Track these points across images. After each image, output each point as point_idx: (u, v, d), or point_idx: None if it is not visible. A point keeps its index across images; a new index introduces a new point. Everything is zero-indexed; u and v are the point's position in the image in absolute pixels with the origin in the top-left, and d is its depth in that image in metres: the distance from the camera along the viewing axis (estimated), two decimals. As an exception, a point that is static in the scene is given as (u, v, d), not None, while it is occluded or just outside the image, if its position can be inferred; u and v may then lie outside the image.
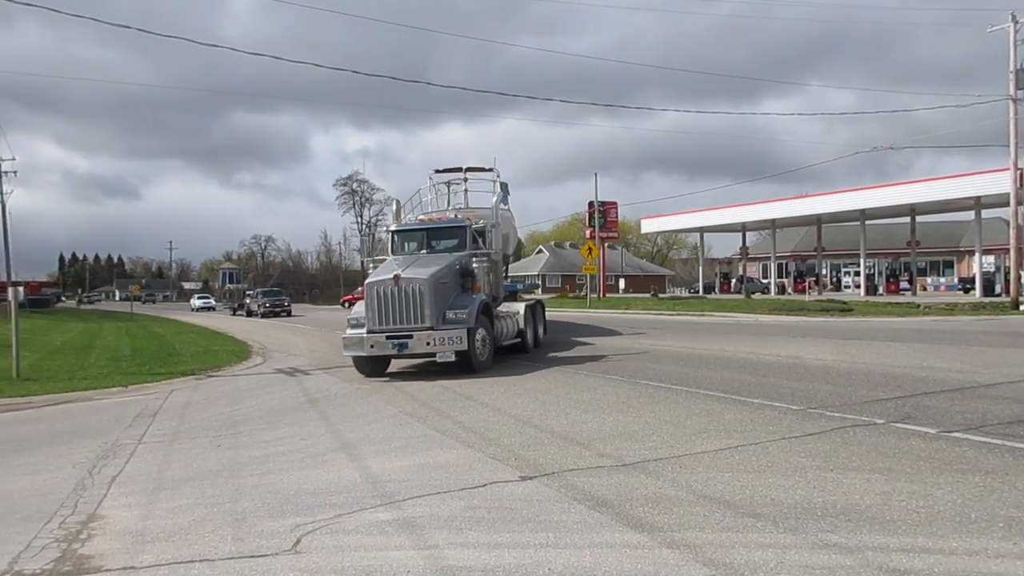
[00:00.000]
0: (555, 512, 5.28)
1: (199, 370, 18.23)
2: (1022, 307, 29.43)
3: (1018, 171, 30.81)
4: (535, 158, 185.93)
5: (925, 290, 53.05)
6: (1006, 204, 33.03)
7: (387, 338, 13.35)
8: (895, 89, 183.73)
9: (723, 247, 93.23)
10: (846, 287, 56.96)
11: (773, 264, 55.57)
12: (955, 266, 60.42)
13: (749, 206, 50.74)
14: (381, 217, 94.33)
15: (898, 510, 4.90)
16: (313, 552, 4.80)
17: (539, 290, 75.04)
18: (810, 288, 48.62)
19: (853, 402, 8.98)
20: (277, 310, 50.11)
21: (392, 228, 16.78)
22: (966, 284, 48.71)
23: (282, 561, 4.67)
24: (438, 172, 19.73)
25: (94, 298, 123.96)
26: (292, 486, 6.63)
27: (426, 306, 13.34)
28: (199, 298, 79.05)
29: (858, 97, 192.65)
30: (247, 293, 62.58)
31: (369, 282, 13.88)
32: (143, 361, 20.43)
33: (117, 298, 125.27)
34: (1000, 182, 33.45)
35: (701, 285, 62.00)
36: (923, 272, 57.00)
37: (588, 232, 55.16)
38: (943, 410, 8.24)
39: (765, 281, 60.82)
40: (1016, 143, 30.57)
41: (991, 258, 45.77)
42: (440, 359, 13.44)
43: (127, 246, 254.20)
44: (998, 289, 40.00)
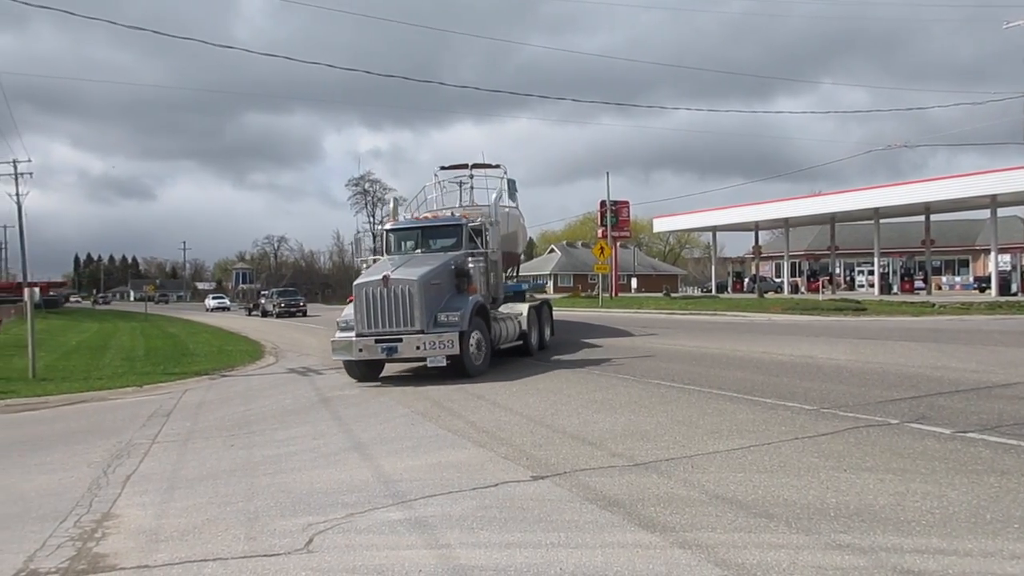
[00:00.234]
0: (567, 512, 5.28)
1: (212, 370, 18.33)
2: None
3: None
4: (547, 157, 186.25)
5: (940, 289, 52.67)
6: (1022, 202, 32.79)
7: (376, 342, 12.92)
8: (909, 87, 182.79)
9: (736, 246, 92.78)
10: (860, 286, 56.59)
11: (786, 263, 55.28)
12: (970, 265, 59.91)
13: (762, 205, 50.44)
14: (389, 216, 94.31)
15: (912, 511, 4.87)
16: (325, 551, 4.82)
17: (551, 289, 75.18)
18: (823, 287, 48.32)
19: (867, 402, 8.92)
20: (292, 310, 49.64)
21: (386, 227, 16.26)
22: (981, 283, 48.29)
23: (294, 560, 4.69)
24: (443, 169, 19.40)
25: (108, 298, 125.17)
26: (305, 485, 6.66)
27: (416, 308, 12.85)
28: (214, 298, 79.34)
29: (871, 95, 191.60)
30: (262, 293, 62.06)
31: (357, 283, 13.38)
32: (157, 361, 20.56)
33: (132, 298, 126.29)
34: (1016, 180, 33.18)
35: (714, 284, 61.75)
36: (938, 271, 56.59)
37: (600, 231, 55.05)
38: (958, 410, 8.17)
39: (778, 280, 60.53)
40: (1032, 140, 30.34)
41: (1007, 257, 45.31)
42: (431, 364, 13.02)
43: (142, 247, 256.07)
44: (1014, 288, 39.67)
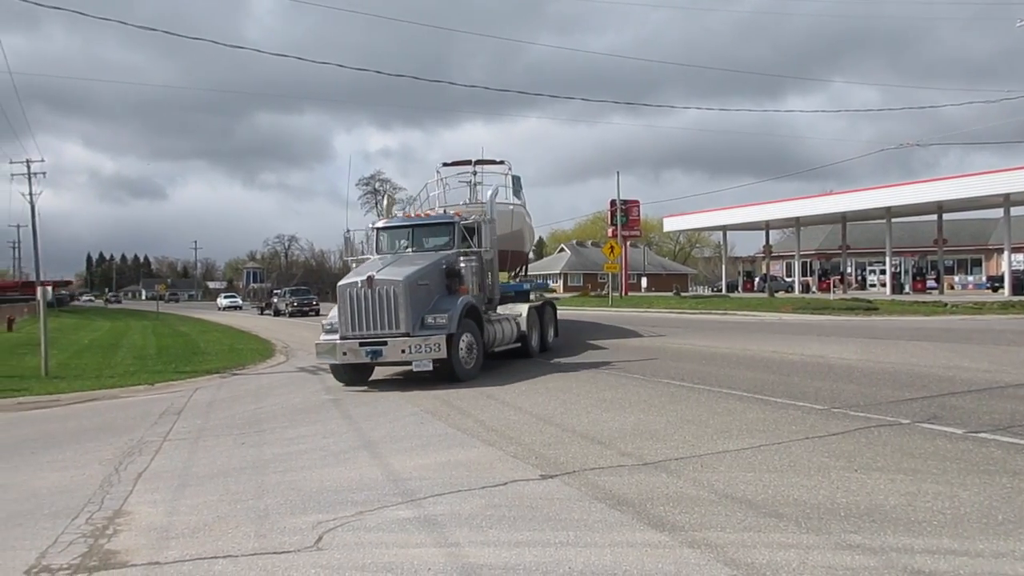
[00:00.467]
0: (576, 511, 5.27)
1: (223, 368, 18.41)
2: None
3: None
4: (557, 157, 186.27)
5: (952, 289, 52.32)
6: (1036, 201, 32.50)
7: (360, 345, 12.43)
8: (921, 85, 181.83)
9: (746, 245, 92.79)
10: (872, 286, 56.30)
11: (797, 262, 55.07)
12: (983, 264, 59.51)
13: (773, 204, 50.25)
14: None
15: (923, 511, 4.84)
16: (335, 549, 4.83)
17: (560, 288, 75.06)
18: (835, 287, 48.09)
19: (878, 402, 8.88)
20: (305, 309, 48.98)
21: (376, 225, 15.56)
22: (994, 282, 47.95)
23: (304, 558, 4.70)
24: (446, 165, 18.95)
25: (119, 297, 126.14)
26: (314, 483, 6.68)
27: (401, 310, 12.35)
28: (226, 297, 79.43)
29: (883, 93, 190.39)
30: (275, 292, 61.59)
31: (341, 284, 12.89)
32: (169, 359, 20.67)
33: (143, 297, 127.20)
34: (1030, 179, 32.93)
35: (724, 284, 61.52)
36: (950, 270, 56.22)
37: (610, 230, 54.98)
38: (970, 410, 8.12)
39: (789, 280, 60.33)
40: (1046, 139, 30.07)
41: (1020, 256, 45.06)
42: (416, 368, 12.50)
43: (153, 246, 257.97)
44: (1028, 287, 39.37)
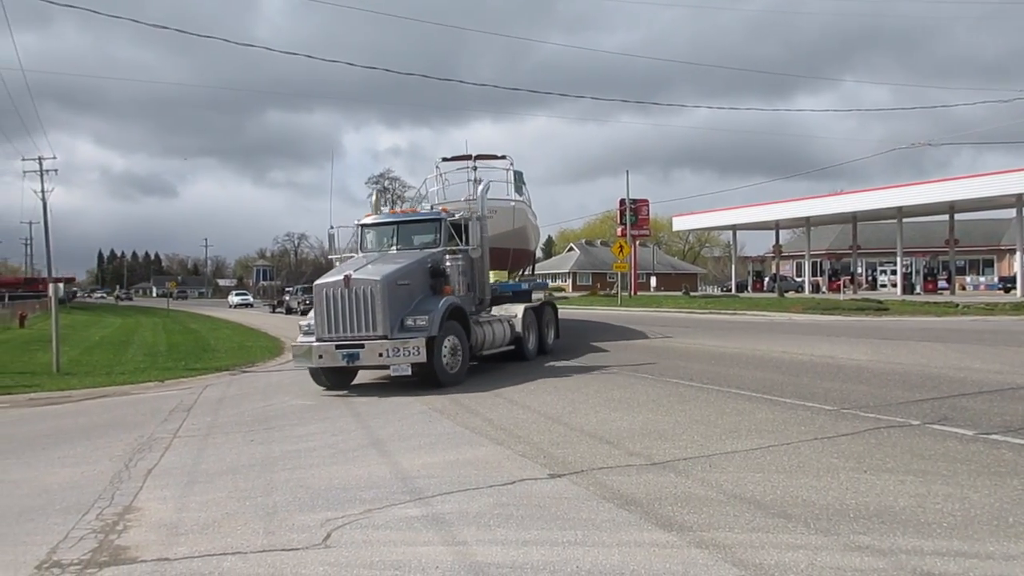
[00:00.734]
0: (584, 510, 5.27)
1: (233, 366, 18.47)
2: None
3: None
4: (566, 155, 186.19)
5: (964, 289, 52.02)
6: (1049, 201, 32.27)
7: (337, 347, 11.85)
8: (932, 84, 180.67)
9: (756, 245, 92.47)
10: (882, 286, 56.06)
11: (807, 262, 54.84)
12: (995, 265, 59.16)
13: (783, 203, 50.05)
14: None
15: (933, 513, 4.81)
16: (343, 546, 4.85)
17: (569, 288, 75.04)
18: (845, 287, 47.91)
19: (888, 403, 8.83)
20: None
21: (360, 221, 14.90)
22: (1006, 283, 47.67)
23: (312, 555, 4.72)
24: (445, 160, 18.45)
25: (129, 294, 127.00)
26: (323, 481, 6.70)
27: (378, 311, 11.76)
28: (237, 294, 79.44)
29: (894, 93, 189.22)
30: (286, 290, 61.11)
31: (318, 283, 12.35)
32: (179, 356, 20.73)
33: (154, 294, 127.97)
34: (1042, 179, 32.70)
35: (734, 283, 61.37)
36: (962, 271, 55.89)
37: (619, 230, 54.90)
38: (981, 412, 8.07)
39: (799, 280, 60.09)
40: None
41: (1033, 256, 44.67)
42: (394, 372, 11.92)
43: (164, 243, 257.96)
44: (1040, 288, 39.08)
